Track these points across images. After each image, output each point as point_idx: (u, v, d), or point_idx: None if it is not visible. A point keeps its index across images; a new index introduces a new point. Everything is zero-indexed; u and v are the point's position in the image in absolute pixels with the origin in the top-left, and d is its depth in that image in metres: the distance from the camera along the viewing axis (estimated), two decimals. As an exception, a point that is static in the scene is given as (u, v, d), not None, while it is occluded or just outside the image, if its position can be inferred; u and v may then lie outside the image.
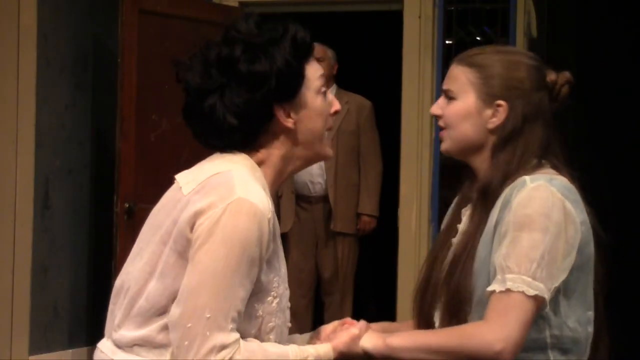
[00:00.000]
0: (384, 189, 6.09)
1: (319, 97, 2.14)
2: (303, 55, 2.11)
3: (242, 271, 1.96)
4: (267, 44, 2.07)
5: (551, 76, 2.28)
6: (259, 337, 2.04)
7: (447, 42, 5.67)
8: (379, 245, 6.99)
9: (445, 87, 2.29)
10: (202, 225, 1.97)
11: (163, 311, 2.01)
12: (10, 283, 5.12)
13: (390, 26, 6.22)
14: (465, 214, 2.29)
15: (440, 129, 2.30)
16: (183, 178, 2.08)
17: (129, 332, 2.04)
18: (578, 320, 2.15)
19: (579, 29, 6.34)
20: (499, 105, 2.22)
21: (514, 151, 2.20)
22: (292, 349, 2.06)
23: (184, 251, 1.99)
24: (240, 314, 1.98)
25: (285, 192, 6.05)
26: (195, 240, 1.97)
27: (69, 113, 5.41)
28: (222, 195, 1.97)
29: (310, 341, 2.23)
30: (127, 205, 5.20)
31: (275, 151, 2.12)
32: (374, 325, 2.30)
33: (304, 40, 2.11)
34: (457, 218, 2.32)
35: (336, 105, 2.18)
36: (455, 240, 2.28)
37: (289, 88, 2.08)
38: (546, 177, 2.14)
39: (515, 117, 2.21)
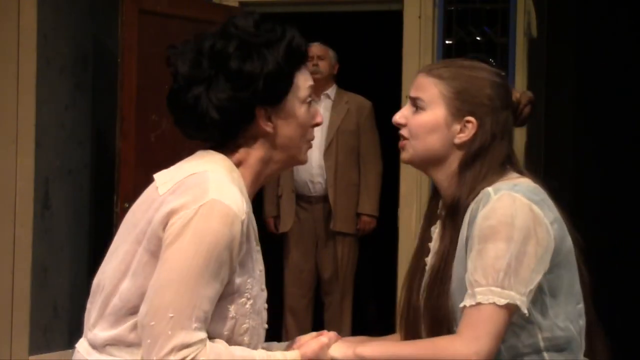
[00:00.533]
0: (384, 189, 6.09)
1: (304, 106, 2.14)
2: (296, 62, 2.11)
3: (210, 271, 1.95)
4: (262, 45, 2.07)
5: (516, 95, 2.28)
6: (232, 338, 2.04)
7: (447, 42, 5.67)
8: (379, 245, 6.99)
9: (414, 95, 2.26)
10: (173, 225, 1.97)
11: (134, 310, 2.01)
12: (10, 283, 5.12)
13: (390, 26, 6.22)
14: (435, 232, 2.29)
15: (402, 138, 2.28)
16: (161, 178, 2.09)
17: (101, 332, 2.05)
18: (568, 317, 2.15)
19: (579, 29, 6.34)
20: (468, 122, 2.21)
21: (481, 167, 2.19)
22: (259, 354, 2.06)
23: (156, 251, 2.00)
24: (208, 315, 1.97)
25: (285, 192, 6.05)
26: (165, 239, 1.98)
27: (69, 113, 5.41)
28: (196, 196, 1.98)
29: (286, 349, 2.20)
30: (127, 205, 5.20)
31: (253, 153, 2.12)
32: (349, 338, 2.31)
33: (299, 48, 2.11)
34: (427, 237, 2.32)
35: (318, 118, 2.18)
36: (429, 261, 2.28)
37: (275, 93, 2.09)
38: (509, 185, 2.14)
39: (484, 134, 2.20)
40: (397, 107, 5.73)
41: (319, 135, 6.01)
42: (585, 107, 6.32)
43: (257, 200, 6.17)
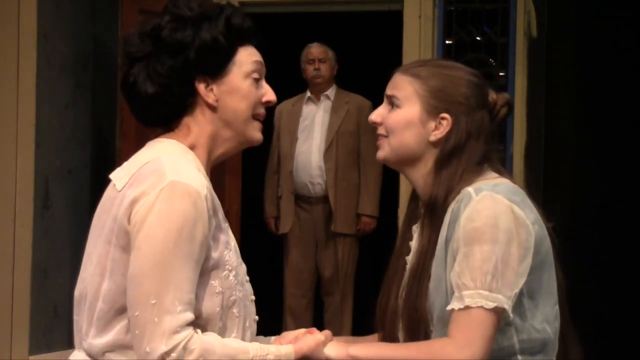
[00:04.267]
0: (384, 189, 6.09)
1: (248, 80, 2.14)
2: (237, 37, 2.12)
3: (184, 251, 1.95)
4: (198, 18, 2.10)
5: (492, 96, 2.29)
6: (224, 314, 2.03)
7: (447, 42, 5.67)
8: (379, 246, 6.98)
9: (389, 93, 2.28)
10: (137, 213, 1.97)
11: (122, 310, 2.00)
12: (10, 283, 5.12)
13: (390, 26, 6.22)
14: (416, 230, 2.29)
15: (379, 137, 2.29)
16: (116, 175, 2.09)
17: (96, 340, 2.03)
18: (546, 319, 2.16)
19: (579, 29, 6.34)
20: (443, 119, 2.22)
21: (457, 166, 2.20)
22: (253, 346, 2.04)
23: (126, 245, 1.99)
24: (191, 295, 1.96)
25: (284, 193, 6.05)
26: (132, 228, 1.97)
27: (69, 113, 5.41)
28: (154, 182, 1.98)
29: (275, 343, 2.18)
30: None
31: (202, 131, 2.12)
32: (340, 338, 2.31)
33: (239, 25, 2.13)
34: (408, 235, 2.32)
35: (269, 96, 2.18)
36: (409, 259, 2.28)
37: (212, 62, 2.10)
38: (489, 185, 2.15)
39: (459, 132, 2.21)
40: (397, 107, 5.76)
41: (319, 137, 6.01)
42: (585, 107, 6.32)
43: (258, 201, 6.17)
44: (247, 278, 2.16)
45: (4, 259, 5.10)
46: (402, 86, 2.26)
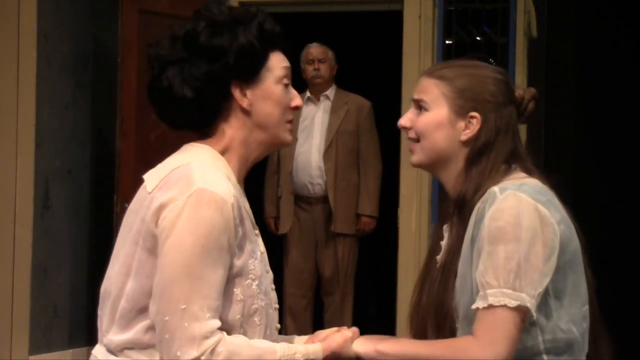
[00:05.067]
0: (384, 189, 6.09)
1: (279, 86, 2.17)
2: (269, 42, 2.15)
3: (212, 258, 1.98)
4: (233, 23, 2.12)
5: (519, 91, 2.32)
6: (245, 321, 2.06)
7: (447, 42, 5.67)
8: (379, 246, 6.99)
9: (416, 97, 2.29)
10: (165, 219, 1.99)
11: (144, 310, 2.03)
12: (10, 283, 5.12)
13: (390, 26, 6.22)
14: (447, 230, 2.31)
15: (411, 141, 2.31)
16: (148, 177, 2.12)
17: (116, 336, 2.07)
18: (572, 319, 2.16)
19: (579, 29, 6.34)
20: (472, 117, 2.24)
21: (487, 163, 2.22)
22: (280, 346, 2.07)
23: (153, 248, 2.02)
24: (218, 302, 1.99)
25: (284, 193, 6.05)
26: (160, 234, 2.00)
27: (69, 113, 5.41)
28: (182, 188, 2.00)
29: (307, 343, 2.22)
30: (127, 205, 5.18)
31: (235, 136, 2.14)
32: (370, 336, 2.32)
33: (272, 30, 2.16)
34: (440, 235, 2.34)
35: (297, 101, 2.21)
36: (439, 258, 2.30)
37: (248, 67, 2.12)
38: (515, 185, 2.16)
39: (488, 129, 2.23)
40: (397, 107, 5.75)
41: (318, 137, 6.01)
42: (585, 107, 6.32)
43: (258, 201, 6.17)
44: (273, 287, 2.18)
45: (4, 259, 5.10)
46: (428, 89, 2.27)
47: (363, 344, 2.19)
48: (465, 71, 2.28)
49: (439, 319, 2.21)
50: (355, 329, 2.23)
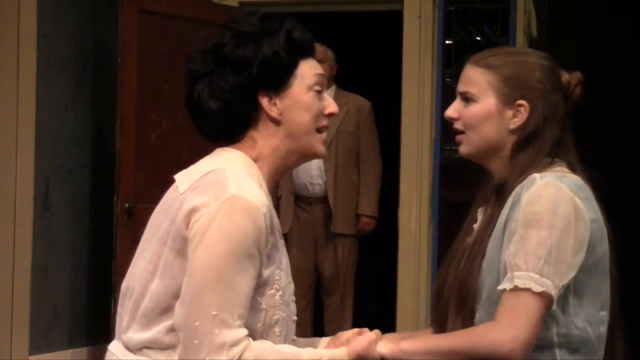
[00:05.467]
0: (384, 189, 6.09)
1: (310, 93, 2.16)
2: (298, 51, 2.15)
3: (243, 267, 1.98)
4: (259, 33, 2.12)
5: (565, 76, 2.30)
6: (265, 331, 2.06)
7: (447, 42, 5.67)
8: (379, 246, 6.99)
9: (462, 89, 2.28)
10: (197, 223, 1.99)
11: (167, 310, 2.03)
12: (10, 283, 5.12)
13: (390, 26, 6.22)
14: (482, 213, 2.31)
15: (457, 132, 2.29)
16: (180, 177, 2.11)
17: (136, 335, 2.07)
18: (588, 320, 2.15)
19: (579, 29, 6.34)
20: (520, 105, 2.23)
21: (533, 150, 2.21)
22: (306, 351, 2.08)
23: (181, 249, 2.02)
24: (246, 310, 2.00)
25: (284, 193, 6.05)
26: (192, 238, 2.00)
27: (69, 113, 5.41)
28: (216, 193, 2.00)
29: (329, 345, 2.23)
30: (127, 205, 5.20)
31: (268, 144, 2.14)
32: (392, 335, 2.35)
33: (300, 38, 2.16)
34: (473, 219, 2.34)
35: (332, 107, 2.20)
36: (469, 240, 2.30)
37: (274, 77, 2.12)
38: (557, 175, 2.16)
39: (536, 117, 2.22)
40: (397, 107, 5.76)
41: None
42: (584, 107, 6.32)
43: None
44: (294, 298, 2.19)
45: (4, 259, 5.10)
46: (475, 79, 2.25)
47: (387, 345, 2.19)
48: (512, 58, 2.26)
49: (461, 297, 2.21)
50: (377, 331, 2.24)
